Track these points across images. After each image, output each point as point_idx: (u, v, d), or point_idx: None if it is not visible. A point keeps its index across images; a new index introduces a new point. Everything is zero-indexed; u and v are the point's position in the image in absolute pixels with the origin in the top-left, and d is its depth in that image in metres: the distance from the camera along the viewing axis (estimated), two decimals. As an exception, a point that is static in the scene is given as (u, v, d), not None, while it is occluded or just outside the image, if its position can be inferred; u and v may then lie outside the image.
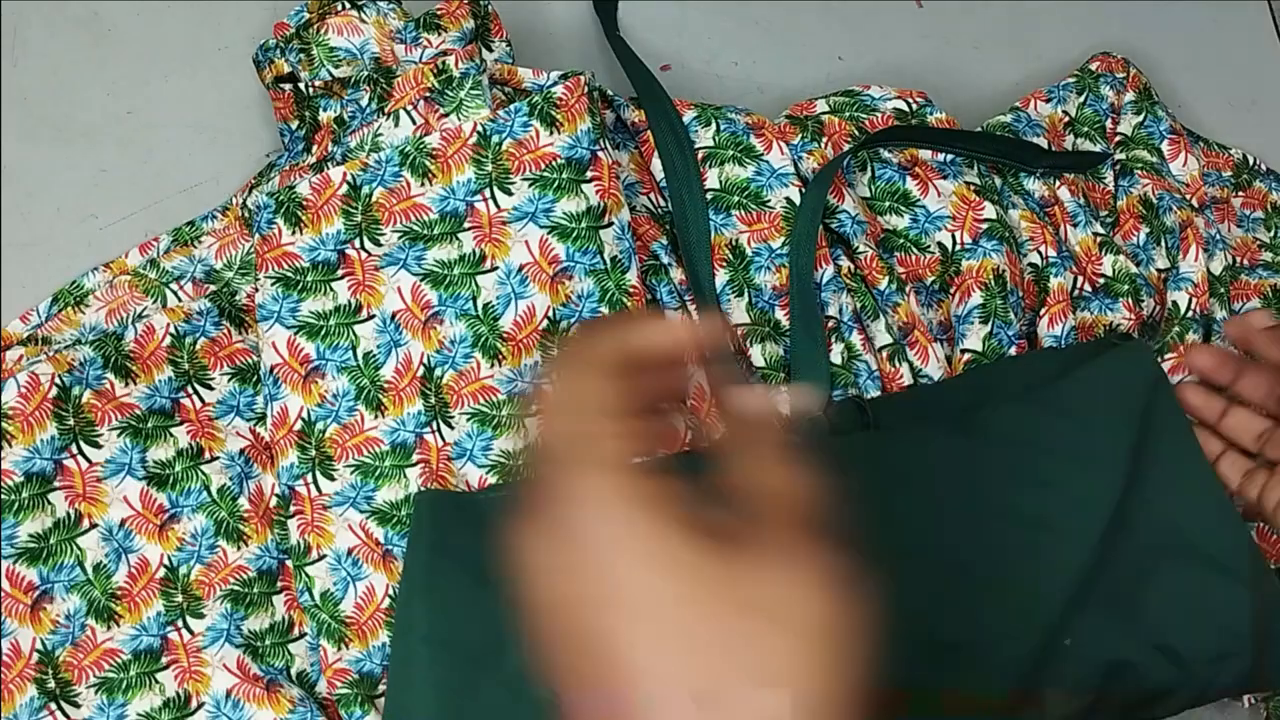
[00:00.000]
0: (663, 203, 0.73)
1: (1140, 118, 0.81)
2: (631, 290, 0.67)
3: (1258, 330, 0.66)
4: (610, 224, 0.68)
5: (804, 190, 0.72)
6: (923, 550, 0.61)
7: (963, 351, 0.72)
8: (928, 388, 0.71)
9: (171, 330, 0.67)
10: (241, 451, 0.67)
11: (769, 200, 0.72)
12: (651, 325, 0.40)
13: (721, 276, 0.71)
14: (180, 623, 0.64)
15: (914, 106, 0.78)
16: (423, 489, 0.64)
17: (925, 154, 0.77)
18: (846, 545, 0.36)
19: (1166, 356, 0.73)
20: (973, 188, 0.75)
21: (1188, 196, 0.79)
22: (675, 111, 0.73)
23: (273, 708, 0.62)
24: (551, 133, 0.68)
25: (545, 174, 0.68)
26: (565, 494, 0.34)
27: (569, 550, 0.34)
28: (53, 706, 0.62)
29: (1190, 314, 0.75)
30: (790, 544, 0.34)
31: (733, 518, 0.35)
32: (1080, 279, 0.75)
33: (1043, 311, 0.74)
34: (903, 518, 0.62)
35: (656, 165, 0.73)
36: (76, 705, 0.62)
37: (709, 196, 0.72)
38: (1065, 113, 0.82)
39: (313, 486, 0.65)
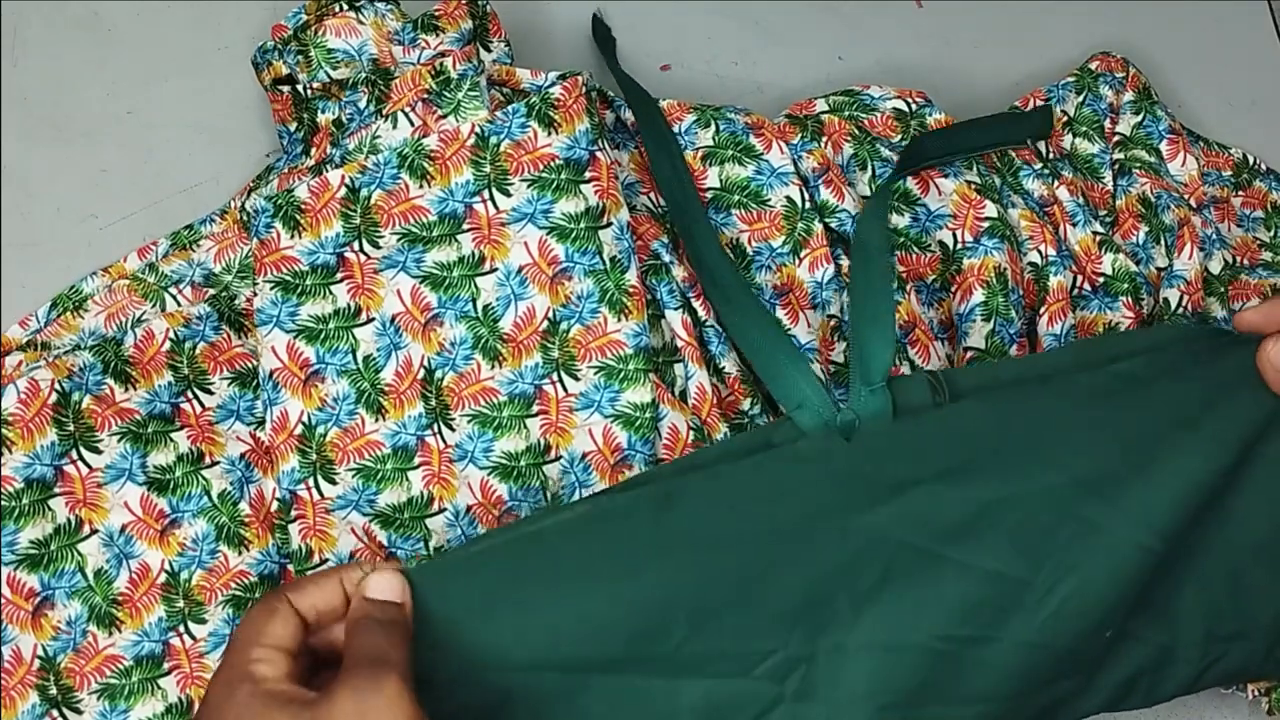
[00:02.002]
0: (663, 202, 0.73)
1: (1139, 117, 0.81)
2: (631, 290, 0.67)
3: (1276, 371, 0.61)
4: (609, 224, 0.67)
5: (806, 187, 0.72)
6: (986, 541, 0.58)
7: (965, 349, 0.72)
8: (1011, 360, 0.69)
9: (171, 335, 0.67)
10: (242, 456, 0.67)
11: (769, 199, 0.72)
12: (313, 587, 0.52)
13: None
14: (182, 628, 0.64)
15: (914, 107, 0.78)
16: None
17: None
18: None
19: None
20: (973, 186, 0.75)
21: (1185, 196, 0.80)
22: (678, 146, 0.73)
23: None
24: (549, 133, 0.68)
25: (544, 175, 0.67)
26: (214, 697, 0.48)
27: None
28: (55, 713, 0.62)
29: (1181, 311, 0.75)
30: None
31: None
32: (1080, 278, 0.75)
33: (1042, 310, 0.74)
34: (960, 503, 0.58)
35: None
36: (79, 712, 0.62)
37: (709, 196, 0.72)
38: (1064, 112, 0.82)
39: (314, 490, 0.65)
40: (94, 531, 0.64)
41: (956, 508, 0.58)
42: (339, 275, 0.67)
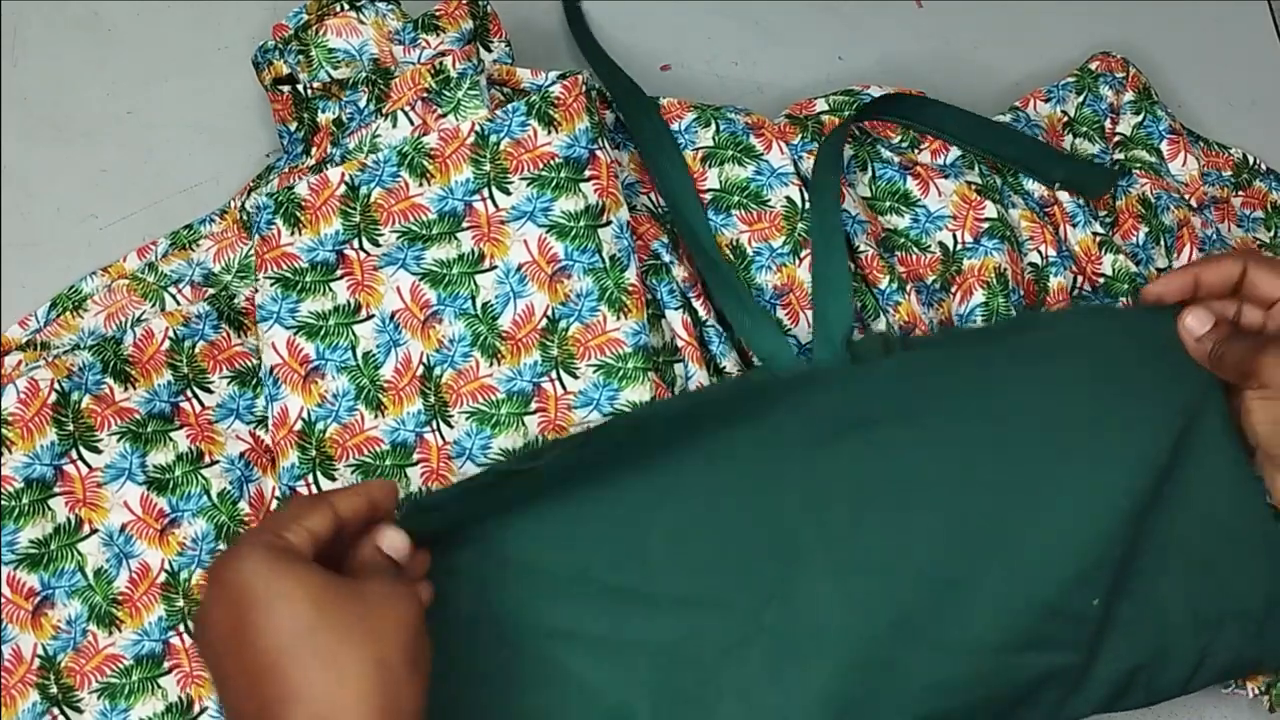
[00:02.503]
0: (663, 202, 0.73)
1: (1139, 118, 0.81)
2: (630, 289, 0.67)
3: (1194, 339, 0.65)
4: (609, 223, 0.68)
5: (806, 188, 0.72)
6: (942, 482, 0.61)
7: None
8: (965, 328, 0.72)
9: (170, 334, 0.67)
10: (241, 455, 0.67)
11: (769, 200, 0.72)
12: (349, 494, 0.55)
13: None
14: (182, 628, 0.64)
15: (914, 106, 0.78)
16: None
17: (924, 157, 0.77)
18: None
19: None
20: (974, 187, 0.75)
21: (1186, 196, 0.80)
22: (653, 102, 0.74)
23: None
24: (549, 132, 0.68)
25: (543, 173, 0.68)
26: (239, 553, 0.49)
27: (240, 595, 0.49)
28: (55, 712, 0.62)
29: None
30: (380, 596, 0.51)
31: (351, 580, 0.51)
32: (1080, 278, 0.75)
33: (1043, 311, 0.74)
34: (918, 446, 0.62)
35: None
36: (79, 711, 0.62)
37: (708, 197, 0.72)
38: (1064, 112, 0.82)
39: (314, 487, 0.65)
40: (94, 531, 0.64)
41: (918, 451, 0.61)
42: (339, 272, 0.67)
